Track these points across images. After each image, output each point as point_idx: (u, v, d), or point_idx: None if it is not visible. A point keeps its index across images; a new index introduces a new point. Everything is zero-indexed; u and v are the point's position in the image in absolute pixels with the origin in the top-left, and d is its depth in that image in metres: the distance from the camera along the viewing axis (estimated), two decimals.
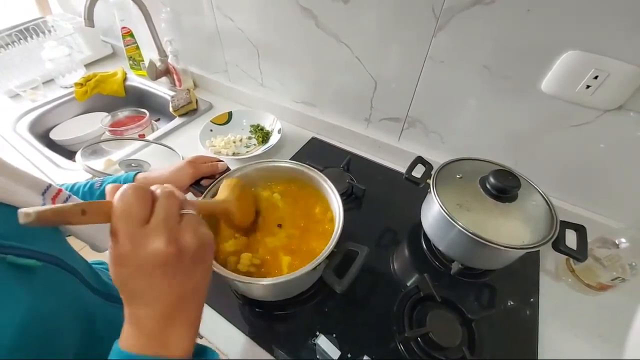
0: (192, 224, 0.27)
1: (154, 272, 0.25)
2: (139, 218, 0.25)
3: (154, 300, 0.25)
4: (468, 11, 0.54)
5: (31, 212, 0.22)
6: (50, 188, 0.36)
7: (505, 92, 0.60)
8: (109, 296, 0.40)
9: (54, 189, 0.37)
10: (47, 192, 0.36)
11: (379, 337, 0.51)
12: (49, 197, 0.36)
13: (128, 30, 1.07)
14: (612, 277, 0.55)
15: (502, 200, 0.51)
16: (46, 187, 0.36)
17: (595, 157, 0.59)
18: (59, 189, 0.37)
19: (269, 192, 0.58)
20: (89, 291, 0.36)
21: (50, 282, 0.30)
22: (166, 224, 0.25)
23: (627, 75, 0.49)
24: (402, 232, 0.68)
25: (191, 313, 0.27)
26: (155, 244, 0.24)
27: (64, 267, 0.32)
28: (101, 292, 0.39)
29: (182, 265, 0.26)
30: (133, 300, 0.26)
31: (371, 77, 0.73)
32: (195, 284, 0.27)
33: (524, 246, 0.47)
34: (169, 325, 0.26)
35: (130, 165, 0.76)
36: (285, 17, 0.75)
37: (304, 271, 0.42)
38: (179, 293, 0.26)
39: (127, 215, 0.24)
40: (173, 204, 0.27)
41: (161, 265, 0.25)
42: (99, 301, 0.38)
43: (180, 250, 0.25)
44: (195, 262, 0.27)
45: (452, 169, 0.58)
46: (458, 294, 0.55)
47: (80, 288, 0.35)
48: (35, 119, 1.01)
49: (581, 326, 0.55)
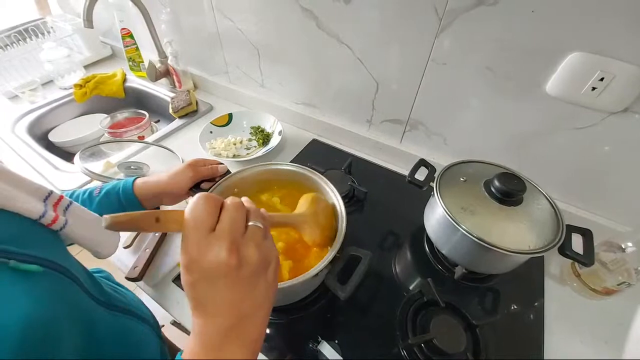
0: (256, 237, 0.27)
1: (217, 282, 0.26)
2: (206, 226, 0.26)
3: (215, 311, 0.26)
4: (471, 12, 0.53)
5: (107, 218, 0.24)
6: (52, 195, 0.36)
7: (509, 93, 0.59)
8: (110, 305, 0.39)
9: (56, 195, 0.36)
10: (48, 198, 0.35)
11: (382, 343, 0.51)
12: (50, 204, 0.35)
13: (128, 31, 1.07)
14: (618, 282, 0.54)
15: (507, 203, 0.50)
16: (48, 194, 0.36)
17: (600, 160, 0.58)
18: (61, 196, 0.37)
19: (269, 195, 0.57)
20: (90, 299, 0.35)
21: (51, 288, 0.29)
22: (229, 234, 0.26)
23: (633, 77, 0.48)
24: (404, 235, 0.67)
25: (250, 331, 0.27)
26: (218, 252, 0.25)
27: (65, 274, 0.32)
28: (102, 301, 0.38)
29: (242, 278, 0.26)
30: (197, 309, 0.27)
31: (373, 78, 0.72)
32: (255, 301, 0.27)
33: (529, 251, 0.47)
34: (226, 341, 0.26)
35: (129, 167, 0.75)
36: (285, 17, 0.75)
37: (306, 277, 0.41)
38: (239, 308, 0.26)
39: (195, 223, 0.26)
40: (239, 215, 0.27)
41: (223, 276, 0.25)
42: (100, 309, 0.37)
43: (241, 262, 0.26)
44: (257, 276, 0.27)
45: (456, 171, 0.57)
46: (462, 298, 0.54)
47: (81, 296, 0.34)
48: (34, 121, 1.00)
49: (587, 332, 0.54)
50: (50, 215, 0.33)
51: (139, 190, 0.50)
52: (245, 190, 0.57)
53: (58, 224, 0.34)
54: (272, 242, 0.30)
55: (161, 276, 0.58)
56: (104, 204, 0.48)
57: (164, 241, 0.63)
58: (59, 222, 0.34)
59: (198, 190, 0.54)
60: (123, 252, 0.62)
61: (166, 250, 0.62)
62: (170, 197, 0.53)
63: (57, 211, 0.35)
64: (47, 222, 0.33)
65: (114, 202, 0.48)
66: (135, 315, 0.44)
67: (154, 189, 0.50)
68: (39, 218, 0.32)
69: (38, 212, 0.32)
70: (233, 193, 0.56)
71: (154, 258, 0.60)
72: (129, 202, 0.49)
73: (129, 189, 0.49)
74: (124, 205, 0.48)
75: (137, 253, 0.60)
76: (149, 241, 0.61)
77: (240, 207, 0.28)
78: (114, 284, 0.52)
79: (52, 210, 0.34)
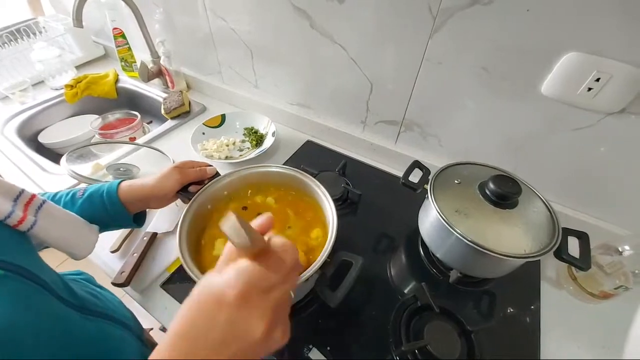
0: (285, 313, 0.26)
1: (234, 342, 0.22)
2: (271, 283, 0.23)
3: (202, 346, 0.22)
4: (466, 11, 0.52)
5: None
6: (24, 193, 0.35)
7: (504, 94, 0.58)
8: (84, 309, 0.38)
9: (27, 194, 0.36)
10: (19, 198, 0.35)
11: (375, 350, 0.49)
12: (21, 203, 0.35)
13: (120, 31, 1.05)
14: (615, 286, 0.53)
15: (502, 206, 0.49)
16: (19, 193, 0.35)
17: (597, 162, 0.57)
18: (33, 195, 0.36)
19: (262, 197, 0.56)
20: (61, 303, 0.34)
21: (12, 292, 0.28)
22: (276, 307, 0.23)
23: (630, 77, 0.47)
24: (399, 238, 0.66)
25: None
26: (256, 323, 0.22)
27: (30, 278, 0.31)
28: (75, 305, 0.37)
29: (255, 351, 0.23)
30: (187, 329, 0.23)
31: (367, 78, 0.71)
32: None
33: (525, 255, 0.46)
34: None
35: (118, 169, 0.73)
36: (279, 17, 0.73)
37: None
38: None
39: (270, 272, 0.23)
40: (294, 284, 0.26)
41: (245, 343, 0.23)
42: (72, 314, 0.36)
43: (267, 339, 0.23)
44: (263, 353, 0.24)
45: (450, 173, 0.56)
46: (457, 303, 0.53)
47: (50, 300, 0.33)
48: (23, 122, 0.99)
49: (584, 337, 0.53)
50: (17, 216, 0.32)
51: (124, 195, 0.48)
52: (236, 193, 0.56)
53: (25, 224, 0.33)
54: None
55: (149, 282, 0.56)
56: (86, 207, 0.46)
57: (152, 245, 0.61)
58: (27, 222, 0.33)
59: (186, 193, 0.53)
60: (110, 256, 0.60)
61: (154, 255, 0.60)
62: (156, 201, 0.52)
63: (28, 211, 0.34)
64: (13, 223, 0.32)
65: (97, 205, 0.47)
66: (113, 319, 0.42)
67: (139, 193, 0.49)
68: (5, 218, 0.31)
69: (3, 212, 0.31)
70: (223, 196, 0.55)
71: (142, 263, 0.58)
72: (113, 205, 0.47)
73: (113, 193, 0.48)
74: (108, 209, 0.47)
75: (125, 258, 0.58)
76: (137, 245, 0.60)
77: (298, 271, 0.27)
78: (95, 286, 0.50)
79: (21, 211, 0.33)
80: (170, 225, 0.64)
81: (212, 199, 0.53)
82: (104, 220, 0.48)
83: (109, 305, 0.45)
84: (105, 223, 0.48)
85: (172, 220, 0.65)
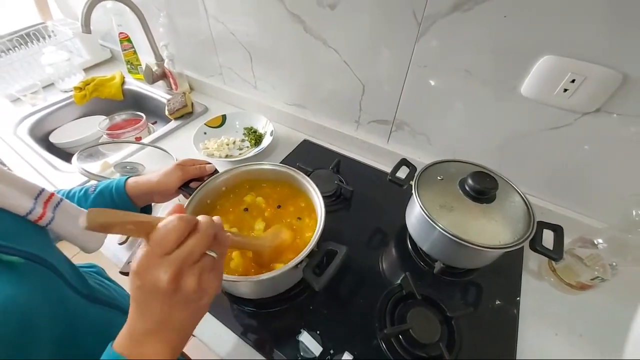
0: (203, 268, 0.29)
1: (152, 297, 0.28)
2: (164, 249, 0.27)
3: (145, 314, 0.29)
4: (448, 17, 0.55)
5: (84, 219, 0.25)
6: (43, 192, 0.38)
7: (487, 95, 0.61)
8: (92, 298, 0.42)
9: (47, 193, 0.39)
10: (39, 196, 0.37)
11: (362, 334, 0.53)
12: (41, 201, 0.37)
13: (125, 35, 1.10)
14: (592, 277, 0.56)
15: (481, 201, 0.53)
16: (39, 192, 0.38)
17: (576, 158, 0.60)
18: (52, 193, 0.39)
19: (252, 196, 0.60)
20: (73, 292, 0.38)
21: (31, 279, 0.32)
22: (180, 263, 0.28)
23: (603, 78, 0.50)
24: (389, 232, 0.70)
25: (171, 338, 0.30)
26: (161, 276, 0.27)
27: (46, 266, 0.34)
28: (85, 294, 0.40)
29: (174, 302, 0.28)
30: (133, 304, 0.29)
31: (359, 80, 0.75)
32: (182, 320, 0.30)
33: (500, 246, 0.49)
34: (149, 339, 0.29)
35: (125, 167, 0.78)
36: (275, 22, 0.77)
37: (285, 269, 0.43)
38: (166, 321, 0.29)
39: (156, 242, 0.27)
40: (201, 244, 0.29)
41: (158, 295, 0.28)
42: (82, 302, 0.39)
43: (178, 289, 0.28)
44: (188, 303, 0.29)
45: (434, 171, 0.59)
46: (440, 292, 0.56)
47: (63, 288, 0.36)
48: (35, 123, 1.04)
49: (562, 325, 0.56)
50: (37, 212, 0.36)
51: (131, 190, 0.52)
52: (233, 189, 0.60)
53: (44, 220, 0.37)
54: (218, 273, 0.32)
55: None
56: (98, 202, 0.51)
57: None
58: (46, 218, 0.37)
59: (187, 189, 0.57)
60: (118, 248, 0.65)
61: None
62: (160, 195, 0.56)
63: (47, 208, 0.37)
64: (34, 218, 0.36)
65: (108, 200, 0.51)
66: (118, 308, 0.46)
67: (144, 188, 0.53)
68: (27, 214, 0.35)
69: (25, 209, 0.35)
70: (221, 191, 0.59)
71: None
72: (122, 200, 0.52)
73: (121, 188, 0.52)
74: (117, 203, 0.51)
75: (132, 249, 0.63)
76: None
77: (206, 236, 0.30)
78: (104, 278, 0.54)
79: (41, 208, 0.37)
80: None
81: (211, 194, 0.57)
82: None
83: (116, 296, 0.49)
84: None
85: None
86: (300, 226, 0.56)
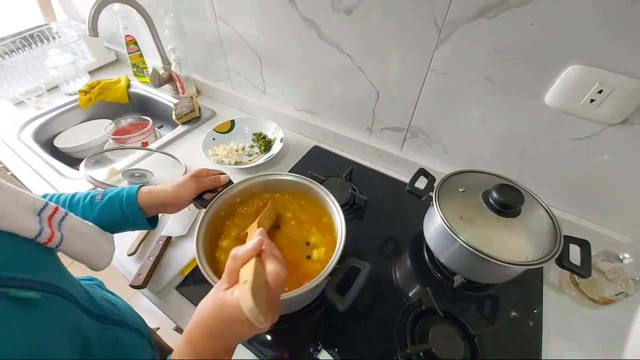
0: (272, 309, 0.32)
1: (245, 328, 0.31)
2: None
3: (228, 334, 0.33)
4: (471, 24, 0.54)
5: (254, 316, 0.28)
6: (47, 207, 0.35)
7: (508, 104, 0.59)
8: (104, 318, 0.40)
9: (51, 207, 0.36)
10: (43, 211, 0.35)
11: (381, 352, 0.51)
12: (45, 217, 0.35)
13: (132, 38, 1.08)
14: (616, 292, 0.55)
15: (505, 215, 0.51)
16: (42, 207, 0.35)
17: (599, 170, 0.58)
18: (56, 207, 0.37)
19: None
20: (86, 316, 0.36)
21: (50, 315, 0.29)
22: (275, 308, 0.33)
23: (631, 89, 0.48)
24: (404, 243, 0.68)
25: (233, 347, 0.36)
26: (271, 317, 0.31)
27: (62, 295, 0.32)
28: (96, 315, 0.38)
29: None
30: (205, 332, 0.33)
31: (373, 86, 0.73)
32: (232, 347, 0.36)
33: (526, 263, 0.47)
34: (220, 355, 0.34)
35: (133, 174, 0.76)
36: (287, 26, 0.75)
37: (306, 289, 0.42)
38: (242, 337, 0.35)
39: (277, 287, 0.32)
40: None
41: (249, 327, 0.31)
42: (95, 324, 0.37)
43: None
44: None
45: (455, 181, 0.57)
46: (461, 307, 0.55)
47: (79, 315, 0.34)
48: (39, 127, 1.02)
49: (584, 341, 0.54)
50: (46, 233, 0.33)
51: (143, 200, 0.50)
52: (247, 200, 0.58)
53: (54, 241, 0.34)
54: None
55: (164, 284, 0.59)
56: (106, 211, 0.48)
57: (167, 249, 0.64)
58: (55, 239, 0.34)
59: (201, 200, 0.55)
60: (127, 259, 0.63)
61: (169, 258, 0.63)
62: (173, 207, 0.54)
63: (52, 226, 0.34)
64: (44, 241, 0.32)
65: (117, 210, 0.49)
66: (127, 326, 0.45)
67: (158, 200, 0.51)
68: (35, 237, 0.32)
69: (34, 231, 0.31)
70: (235, 203, 0.57)
71: (157, 265, 0.61)
72: (132, 210, 0.50)
73: (133, 198, 0.50)
74: (126, 213, 0.49)
75: (141, 260, 0.61)
76: (153, 248, 0.62)
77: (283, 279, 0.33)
78: (105, 291, 0.53)
79: (48, 227, 0.34)
80: (184, 229, 0.66)
81: (225, 206, 0.55)
82: (120, 223, 0.50)
83: (122, 312, 0.47)
84: (120, 225, 0.50)
85: (186, 225, 0.67)
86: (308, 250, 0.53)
